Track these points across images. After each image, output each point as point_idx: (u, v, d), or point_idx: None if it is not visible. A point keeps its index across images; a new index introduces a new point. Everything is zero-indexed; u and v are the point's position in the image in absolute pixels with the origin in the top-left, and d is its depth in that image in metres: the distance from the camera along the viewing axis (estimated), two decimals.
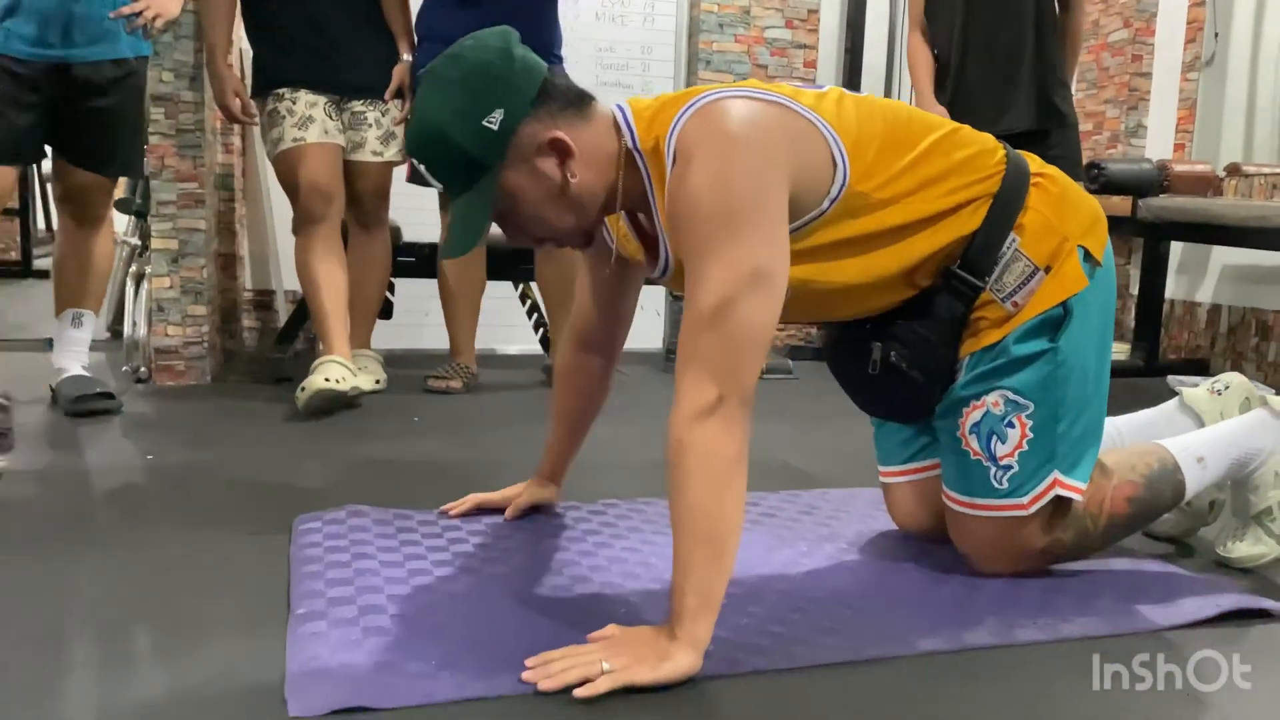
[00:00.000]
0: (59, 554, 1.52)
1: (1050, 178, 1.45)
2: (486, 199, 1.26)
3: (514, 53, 1.27)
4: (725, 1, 3.78)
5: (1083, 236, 1.42)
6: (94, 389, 2.48)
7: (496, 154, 1.25)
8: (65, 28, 2.29)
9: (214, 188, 3.06)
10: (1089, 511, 1.44)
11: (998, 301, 1.40)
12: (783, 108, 1.28)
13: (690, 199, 1.19)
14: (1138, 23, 3.95)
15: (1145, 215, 3.37)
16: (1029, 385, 1.38)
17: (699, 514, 1.14)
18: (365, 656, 1.15)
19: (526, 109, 1.25)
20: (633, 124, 1.30)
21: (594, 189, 1.30)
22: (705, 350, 1.15)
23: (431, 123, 1.25)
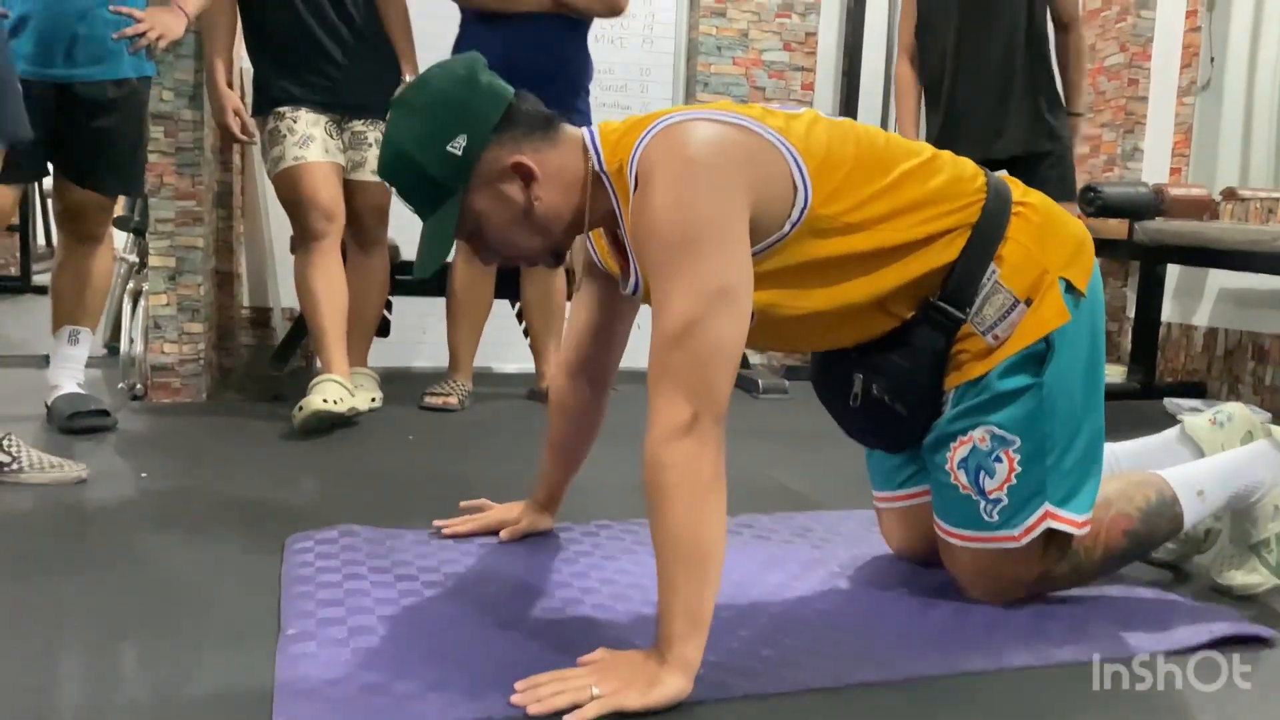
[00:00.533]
0: (51, 570, 1.52)
1: (1031, 206, 1.43)
2: (451, 222, 1.30)
3: (479, 79, 1.31)
4: (723, 24, 3.81)
5: (1065, 267, 1.40)
6: (89, 406, 2.48)
7: (460, 178, 1.28)
8: (68, 48, 2.31)
9: (212, 205, 3.07)
10: (1084, 544, 1.43)
11: (979, 334, 1.39)
12: (744, 129, 1.28)
13: (651, 220, 1.20)
14: (1134, 47, 3.97)
15: (1141, 238, 3.38)
16: (1014, 420, 1.37)
17: (680, 534, 1.14)
18: (354, 677, 1.14)
19: (489, 134, 1.28)
20: (599, 146, 1.32)
21: (559, 211, 1.32)
22: (675, 369, 1.16)
23: (397, 147, 1.30)
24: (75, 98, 2.35)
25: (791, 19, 3.87)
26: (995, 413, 1.38)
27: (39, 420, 2.53)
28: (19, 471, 1.95)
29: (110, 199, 2.54)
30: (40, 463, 1.97)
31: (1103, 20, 4.12)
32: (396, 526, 1.71)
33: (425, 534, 1.67)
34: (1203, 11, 3.81)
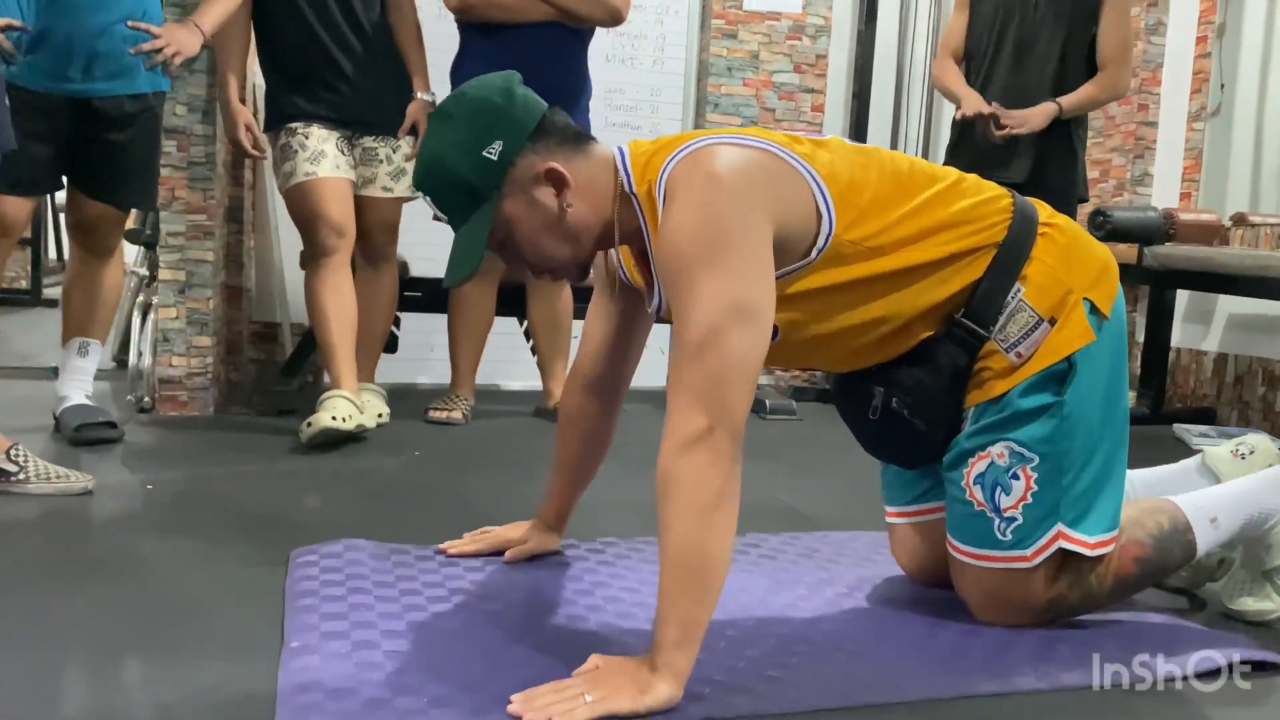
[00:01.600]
0: (55, 581, 1.52)
1: (1058, 227, 1.44)
2: (484, 227, 1.31)
3: (515, 91, 1.34)
4: (734, 46, 3.83)
5: (1089, 289, 1.41)
6: (97, 418, 2.48)
7: (495, 183, 1.30)
8: (86, 62, 2.33)
9: (223, 220, 3.08)
10: (1095, 571, 1.42)
11: (1001, 352, 1.39)
12: (770, 154, 1.30)
13: (674, 236, 1.22)
14: (1144, 73, 3.98)
15: (1151, 263, 3.38)
16: (1034, 439, 1.37)
17: (684, 545, 1.14)
18: (357, 692, 1.14)
19: (524, 141, 1.31)
20: (629, 167, 1.34)
21: (589, 221, 1.34)
22: (693, 381, 1.16)
23: (434, 154, 1.33)
24: (92, 112, 2.36)
25: (802, 41, 3.88)
26: (1015, 430, 1.38)
27: (47, 431, 2.53)
28: (25, 481, 1.95)
29: (124, 212, 2.55)
30: (46, 473, 1.98)
31: None
32: (401, 541, 1.70)
33: (430, 549, 1.67)
34: (1213, 38, 3.82)
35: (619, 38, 3.78)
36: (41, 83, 2.29)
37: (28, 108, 2.28)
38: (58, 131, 2.34)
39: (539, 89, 3.02)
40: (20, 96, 2.27)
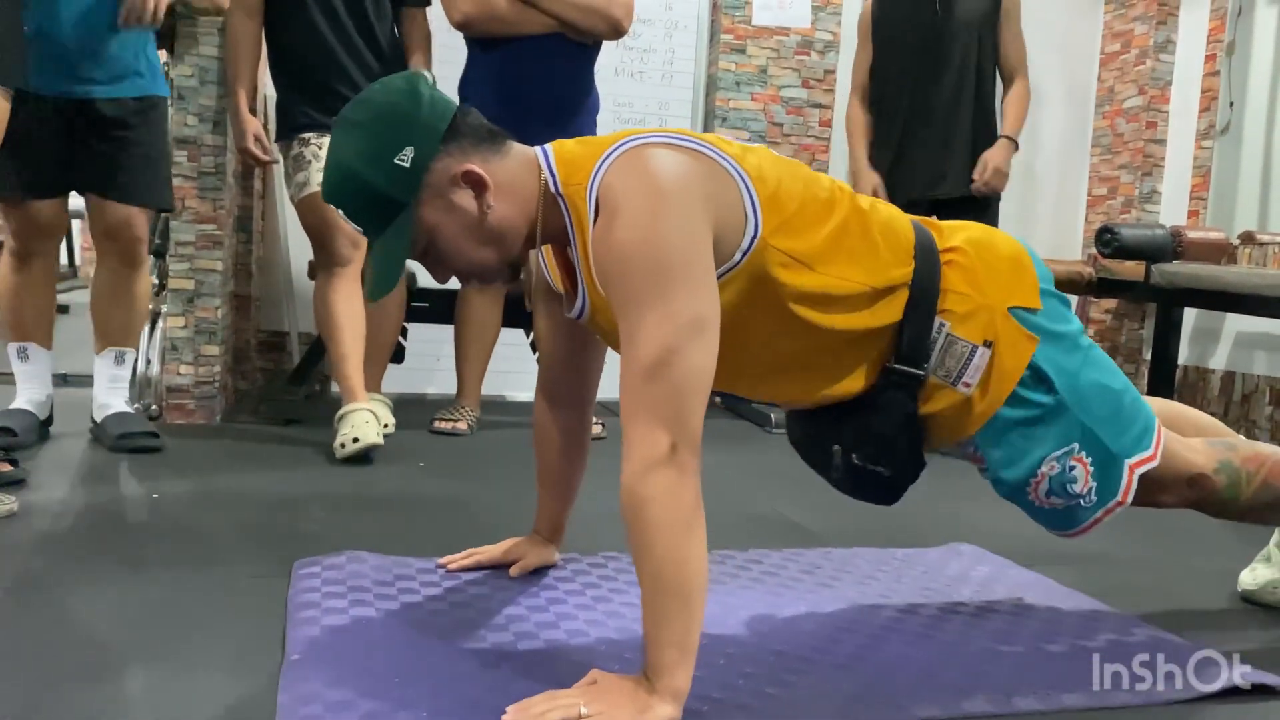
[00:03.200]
0: (57, 590, 1.52)
1: (960, 250, 1.41)
2: (404, 237, 1.29)
3: (422, 92, 1.30)
4: (743, 60, 3.84)
5: (1009, 297, 1.40)
6: (140, 427, 2.53)
7: (410, 191, 1.27)
8: (90, 65, 2.35)
9: (233, 230, 3.10)
10: (1246, 468, 1.48)
11: (948, 387, 1.39)
12: (703, 155, 1.28)
13: (620, 253, 1.19)
14: (1153, 90, 3.99)
15: (1158, 281, 3.37)
16: (1061, 436, 1.39)
17: (666, 565, 1.13)
18: (357, 705, 1.14)
19: (437, 144, 1.27)
20: (554, 166, 1.31)
21: (514, 222, 1.31)
22: (651, 401, 1.15)
23: (343, 166, 1.29)
24: (95, 113, 2.39)
25: (810, 56, 3.89)
26: (1041, 444, 1.39)
27: (61, 436, 2.55)
28: None
29: (143, 212, 2.55)
30: None
31: (1121, 63, 4.14)
32: (404, 554, 1.71)
33: (432, 562, 1.67)
34: (1222, 56, 3.82)
35: (627, 51, 3.80)
36: (44, 85, 2.31)
37: (30, 110, 2.30)
38: (60, 133, 2.37)
39: (544, 101, 3.05)
40: (23, 99, 2.29)
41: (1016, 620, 1.55)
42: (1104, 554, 1.79)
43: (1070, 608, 1.62)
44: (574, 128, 2.86)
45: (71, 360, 3.55)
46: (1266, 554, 1.71)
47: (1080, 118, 4.28)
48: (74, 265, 7.90)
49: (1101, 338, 4.17)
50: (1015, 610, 1.60)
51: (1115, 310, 4.13)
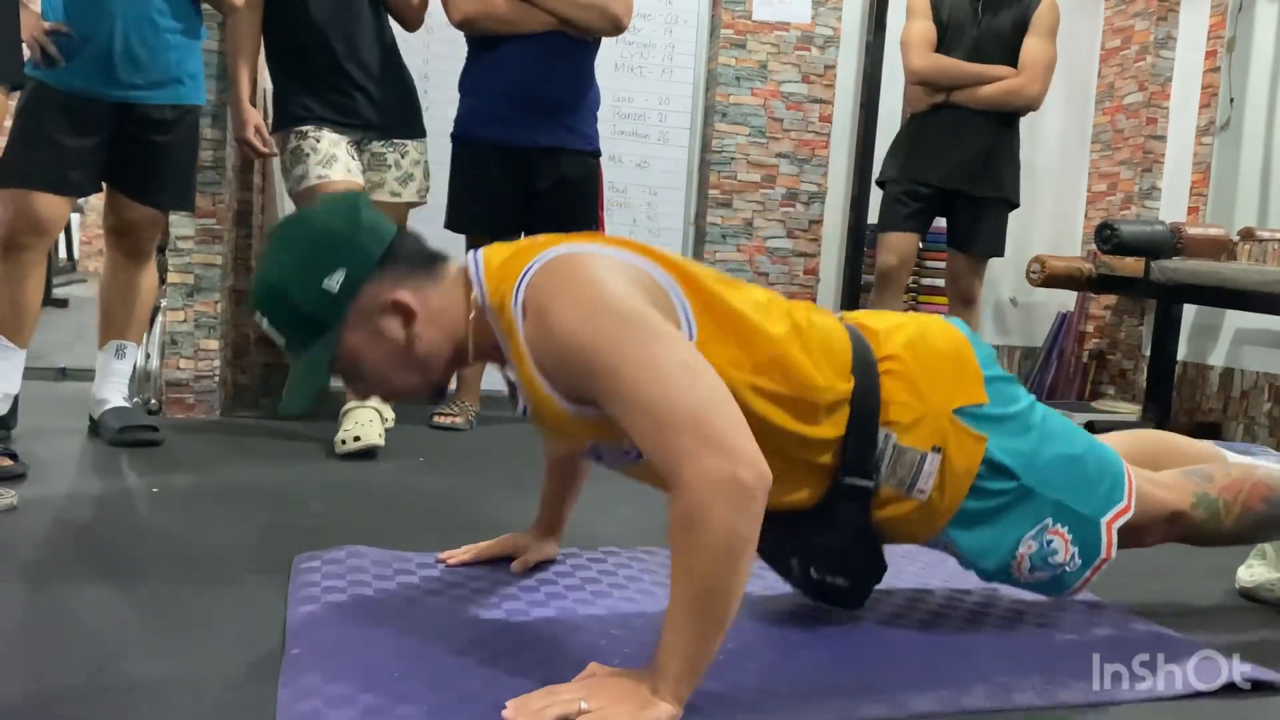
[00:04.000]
0: (56, 584, 1.52)
1: (898, 358, 1.39)
2: (324, 358, 1.27)
3: (361, 215, 1.29)
4: (742, 55, 3.83)
5: (953, 397, 1.38)
6: (138, 420, 2.53)
7: (336, 314, 1.25)
8: (133, 69, 2.36)
9: (232, 224, 3.10)
10: (1223, 498, 1.49)
11: (902, 495, 1.38)
12: (627, 263, 1.26)
13: (569, 339, 1.16)
14: (1153, 86, 3.98)
15: (1158, 277, 3.38)
16: (1031, 515, 1.40)
17: (707, 587, 1.09)
18: (357, 699, 1.14)
19: (369, 270, 1.26)
20: (483, 280, 1.29)
21: (439, 348, 1.30)
22: (687, 449, 1.09)
23: (271, 282, 1.27)
24: (135, 117, 2.40)
25: (811, 51, 3.89)
26: (1013, 529, 1.40)
27: (60, 431, 2.54)
28: None
29: (162, 215, 2.59)
30: None
31: (1122, 59, 4.13)
32: (405, 547, 1.71)
33: (432, 557, 1.67)
34: (1222, 52, 3.81)
35: (627, 46, 3.79)
36: (86, 86, 2.32)
37: (71, 110, 2.32)
38: (100, 134, 2.37)
39: (544, 98, 3.06)
40: (64, 99, 2.31)
41: (1016, 615, 1.56)
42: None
43: (1069, 603, 1.62)
44: (574, 124, 2.86)
45: (70, 354, 3.55)
46: (1261, 550, 1.72)
47: (1080, 114, 4.28)
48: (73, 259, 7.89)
49: (1101, 334, 4.18)
50: (1015, 605, 1.60)
51: (1114, 306, 4.13)
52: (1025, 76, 3.13)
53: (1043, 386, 4.18)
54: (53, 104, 2.31)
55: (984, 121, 3.15)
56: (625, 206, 3.85)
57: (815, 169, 3.93)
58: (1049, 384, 4.17)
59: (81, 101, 2.33)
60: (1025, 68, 3.14)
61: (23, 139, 2.33)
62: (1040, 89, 3.15)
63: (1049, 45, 3.17)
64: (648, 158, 3.87)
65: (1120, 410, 3.74)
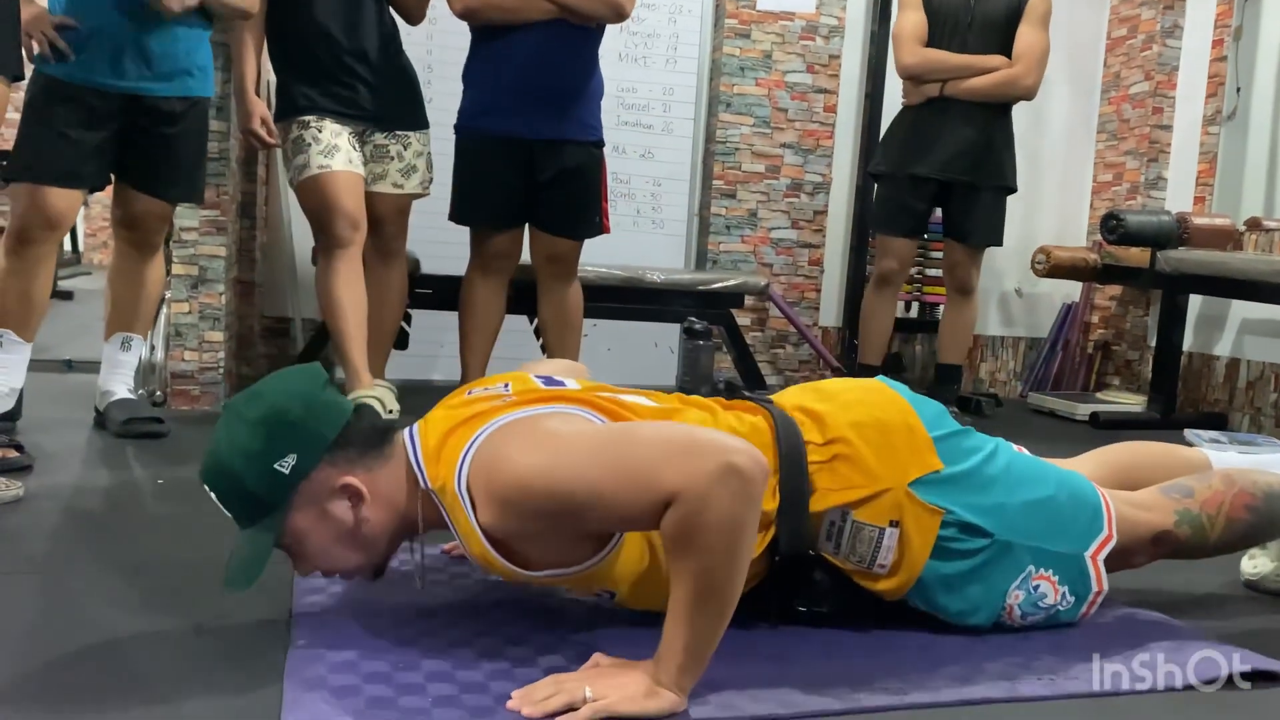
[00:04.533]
0: (61, 575, 1.53)
1: (844, 440, 1.37)
2: (270, 537, 1.27)
3: (317, 398, 1.29)
4: (747, 45, 3.82)
5: (906, 471, 1.37)
6: (143, 412, 2.54)
7: (284, 496, 1.25)
8: (143, 62, 2.36)
9: (236, 215, 3.10)
10: (1205, 512, 1.48)
11: (863, 571, 1.37)
12: (562, 413, 1.27)
13: (519, 488, 1.16)
14: (1159, 75, 3.96)
15: (1164, 267, 3.37)
16: (1013, 566, 1.39)
17: (712, 578, 1.11)
18: (362, 690, 1.15)
19: (320, 455, 1.25)
20: (422, 463, 1.29)
21: (386, 527, 1.30)
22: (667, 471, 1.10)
23: (221, 460, 1.27)
24: (145, 109, 2.40)
25: (815, 41, 3.88)
26: (997, 583, 1.39)
27: (66, 423, 2.55)
28: None
29: (171, 207, 2.60)
30: None
31: (1128, 48, 4.12)
32: None
33: (438, 549, 1.67)
34: (1229, 41, 3.80)
35: (632, 36, 3.78)
36: (95, 79, 2.32)
37: (81, 104, 2.32)
38: (109, 127, 2.38)
39: (548, 88, 3.05)
40: (73, 93, 2.31)
41: None
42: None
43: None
44: (577, 113, 2.85)
45: (76, 346, 3.56)
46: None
47: (1086, 103, 4.26)
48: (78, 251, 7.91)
49: (1106, 324, 4.17)
50: None
51: (1120, 297, 4.12)
52: (1021, 66, 3.13)
53: (1047, 378, 4.17)
54: (62, 98, 2.32)
55: (979, 112, 3.15)
56: (629, 197, 3.84)
57: (820, 159, 3.92)
58: (1054, 375, 4.17)
59: (91, 95, 2.33)
60: (1020, 57, 3.13)
61: (33, 133, 2.34)
62: (1036, 79, 3.16)
63: (1043, 34, 3.17)
64: (651, 148, 3.87)
65: (1125, 401, 3.73)
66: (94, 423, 2.59)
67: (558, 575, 1.28)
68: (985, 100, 3.14)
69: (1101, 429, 3.32)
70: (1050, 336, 4.23)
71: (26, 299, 2.39)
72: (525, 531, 1.22)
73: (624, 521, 1.20)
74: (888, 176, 3.31)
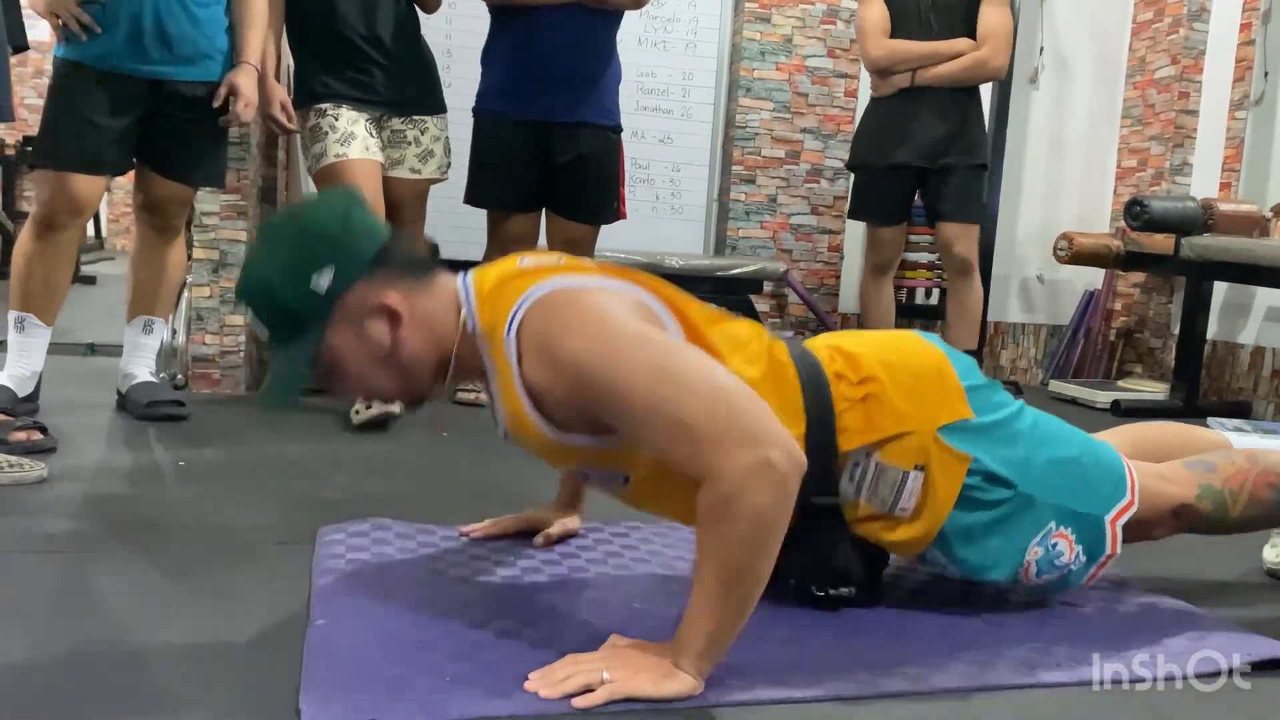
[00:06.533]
0: (84, 555, 1.54)
1: (875, 379, 1.36)
2: (307, 355, 1.27)
3: (354, 216, 1.28)
4: (767, 30, 3.80)
5: (936, 415, 1.36)
6: (165, 395, 2.55)
7: (321, 313, 1.25)
8: (166, 45, 2.37)
9: (257, 200, 3.11)
10: (1228, 488, 1.47)
11: (885, 516, 1.36)
12: (621, 290, 1.26)
13: (580, 369, 1.16)
14: (1185, 60, 3.92)
15: (1188, 254, 3.33)
16: (1035, 522, 1.38)
17: (737, 570, 1.10)
18: (380, 670, 1.15)
19: (359, 271, 1.25)
20: (474, 304, 1.29)
21: (424, 357, 1.30)
22: (715, 442, 1.09)
23: (259, 276, 1.27)
24: (167, 93, 2.41)
25: (836, 25, 3.85)
26: (1017, 538, 1.38)
27: (89, 405, 2.57)
28: None
29: (192, 191, 2.61)
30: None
31: (1154, 32, 4.07)
32: (428, 520, 1.72)
33: (455, 529, 1.68)
34: (1258, 24, 3.74)
35: (651, 20, 3.77)
36: (118, 64, 2.34)
37: (104, 89, 2.33)
38: (133, 113, 2.39)
39: (565, 72, 3.04)
40: (97, 78, 2.32)
41: None
42: None
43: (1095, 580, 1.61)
44: (596, 97, 2.84)
45: (99, 330, 3.58)
46: None
47: (1110, 88, 4.21)
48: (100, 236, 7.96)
49: (1129, 312, 4.13)
50: None
51: (1143, 284, 4.08)
52: (989, 48, 3.11)
53: (1069, 365, 4.14)
54: (85, 83, 2.33)
55: (951, 96, 3.15)
56: (648, 183, 3.83)
57: (840, 144, 3.89)
58: (1075, 363, 4.14)
59: (114, 80, 2.34)
60: (987, 39, 3.11)
61: (57, 119, 2.35)
62: (1004, 59, 3.16)
63: (1005, 12, 3.17)
64: (670, 133, 3.85)
65: (1148, 389, 3.70)
66: (116, 405, 2.61)
67: (584, 445, 1.26)
68: (955, 85, 3.12)
69: (1123, 417, 3.30)
70: (1072, 324, 4.20)
71: (49, 283, 2.41)
72: (563, 400, 1.21)
73: (652, 450, 1.19)
74: (863, 168, 3.31)
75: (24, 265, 2.41)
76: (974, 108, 3.20)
